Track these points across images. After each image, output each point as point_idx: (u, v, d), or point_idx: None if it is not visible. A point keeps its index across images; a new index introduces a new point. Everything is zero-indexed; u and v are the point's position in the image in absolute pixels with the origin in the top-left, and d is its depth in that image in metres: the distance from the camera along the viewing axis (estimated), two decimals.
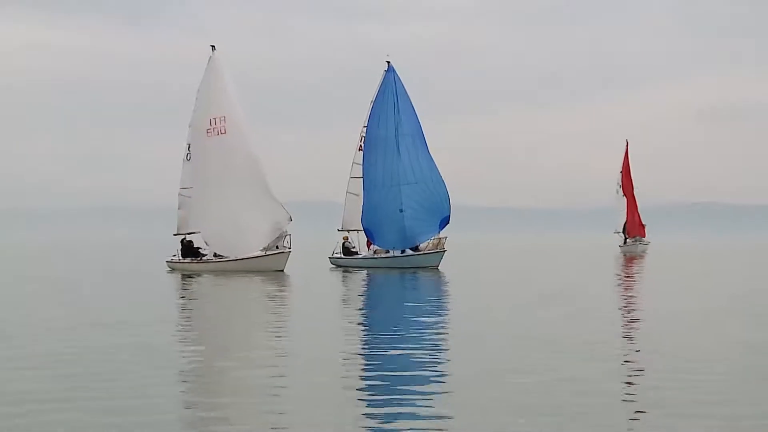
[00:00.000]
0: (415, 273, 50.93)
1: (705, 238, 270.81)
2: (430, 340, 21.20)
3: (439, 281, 45.39)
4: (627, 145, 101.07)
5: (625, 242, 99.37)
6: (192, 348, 20.38)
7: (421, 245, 56.83)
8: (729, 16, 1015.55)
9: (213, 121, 53.62)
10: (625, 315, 27.36)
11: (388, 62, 57.51)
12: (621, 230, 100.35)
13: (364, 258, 58.02)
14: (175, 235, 55.69)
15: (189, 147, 55.20)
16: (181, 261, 54.49)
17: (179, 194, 55.70)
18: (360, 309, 30.86)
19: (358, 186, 58.57)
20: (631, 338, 21.57)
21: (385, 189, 56.10)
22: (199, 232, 54.13)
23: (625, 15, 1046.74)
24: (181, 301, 35.20)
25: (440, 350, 19.62)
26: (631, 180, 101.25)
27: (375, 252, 57.90)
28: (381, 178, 56.18)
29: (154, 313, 28.84)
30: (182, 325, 25.78)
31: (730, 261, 79.51)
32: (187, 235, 55.09)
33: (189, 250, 54.79)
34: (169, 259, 55.55)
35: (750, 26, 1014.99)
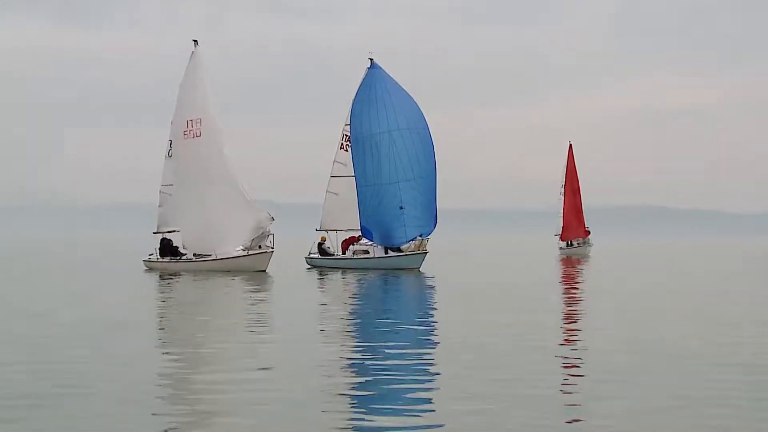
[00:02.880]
0: (397, 275, 50.14)
1: (641, 241, 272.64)
2: (417, 344, 20.59)
3: (424, 284, 44.72)
4: (570, 148, 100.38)
5: (569, 244, 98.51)
6: (170, 356, 19.54)
7: (402, 246, 56.21)
8: (675, 20, 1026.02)
9: (189, 123, 53.03)
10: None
11: (371, 59, 56.82)
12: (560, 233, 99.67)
13: (344, 259, 57.24)
14: (155, 233, 54.79)
15: (171, 144, 54.39)
16: (160, 260, 53.51)
17: (160, 191, 54.93)
18: (347, 314, 29.91)
19: (338, 185, 57.87)
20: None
21: (384, 187, 55.30)
22: (179, 230, 53.36)
23: (568, 15, 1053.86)
24: (159, 303, 34.10)
25: (425, 356, 18.96)
26: (577, 182, 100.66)
27: (354, 252, 57.15)
28: (378, 176, 55.21)
29: (131, 317, 27.96)
30: (159, 331, 24.91)
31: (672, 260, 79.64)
32: (166, 234, 54.17)
33: (167, 248, 53.84)
34: (146, 259, 54.55)
35: (695, 30, 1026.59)
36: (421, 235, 55.62)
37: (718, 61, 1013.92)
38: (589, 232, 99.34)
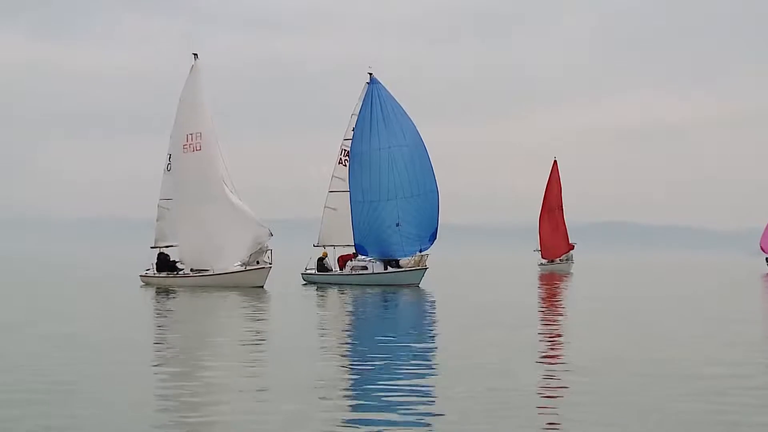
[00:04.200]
0: (396, 291, 49.51)
1: (618, 257, 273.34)
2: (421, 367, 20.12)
3: (423, 300, 44.19)
4: (555, 164, 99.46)
5: (551, 260, 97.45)
6: (165, 374, 19.00)
7: (402, 261, 55.67)
8: (652, 38, 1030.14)
9: (189, 137, 52.60)
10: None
11: (370, 74, 56.37)
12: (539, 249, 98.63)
13: (341, 274, 56.67)
14: (152, 247, 54.20)
15: (170, 158, 53.86)
16: (156, 275, 52.90)
17: (158, 206, 54.37)
18: (345, 332, 29.51)
19: (337, 200, 57.37)
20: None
21: (381, 203, 54.78)
22: (177, 245, 52.81)
23: (548, 34, 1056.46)
24: (155, 320, 33.43)
25: (422, 375, 18.54)
26: (560, 198, 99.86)
27: (353, 269, 56.56)
28: (376, 192, 54.73)
29: (127, 334, 27.47)
30: (155, 349, 24.29)
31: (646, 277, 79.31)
32: (164, 248, 53.59)
33: (165, 263, 53.25)
34: (142, 273, 53.90)
35: (671, 48, 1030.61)
36: (421, 250, 55.19)
37: (696, 79, 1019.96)
38: (573, 246, 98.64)
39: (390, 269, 55.47)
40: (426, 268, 55.63)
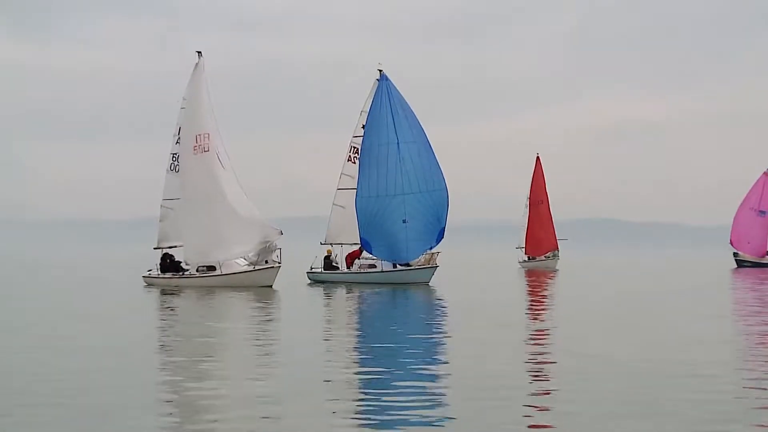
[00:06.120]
0: (406, 290, 48.62)
1: (604, 254, 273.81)
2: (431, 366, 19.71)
3: (433, 300, 43.31)
4: (538, 160, 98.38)
5: (530, 258, 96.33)
6: (174, 381, 18.23)
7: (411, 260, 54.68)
8: (635, 38, 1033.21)
9: (198, 138, 51.68)
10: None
11: (380, 71, 55.61)
12: (523, 246, 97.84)
13: (350, 273, 55.73)
14: (155, 248, 53.24)
15: (174, 158, 52.99)
16: (161, 276, 51.86)
17: (162, 206, 53.51)
18: (355, 335, 28.81)
19: (345, 198, 56.47)
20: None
21: (388, 198, 53.82)
22: (181, 245, 51.86)
23: (531, 33, 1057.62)
24: (160, 323, 32.38)
25: (432, 383, 18.02)
26: (545, 194, 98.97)
27: (360, 266, 55.65)
28: (383, 188, 53.85)
29: (133, 337, 26.67)
30: (162, 352, 23.45)
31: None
32: (168, 249, 52.62)
33: (170, 264, 52.25)
34: (146, 274, 52.85)
35: (653, 47, 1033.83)
36: (430, 248, 54.29)
37: (676, 77, 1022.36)
38: (557, 246, 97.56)
39: (399, 267, 54.57)
40: (436, 267, 54.81)
